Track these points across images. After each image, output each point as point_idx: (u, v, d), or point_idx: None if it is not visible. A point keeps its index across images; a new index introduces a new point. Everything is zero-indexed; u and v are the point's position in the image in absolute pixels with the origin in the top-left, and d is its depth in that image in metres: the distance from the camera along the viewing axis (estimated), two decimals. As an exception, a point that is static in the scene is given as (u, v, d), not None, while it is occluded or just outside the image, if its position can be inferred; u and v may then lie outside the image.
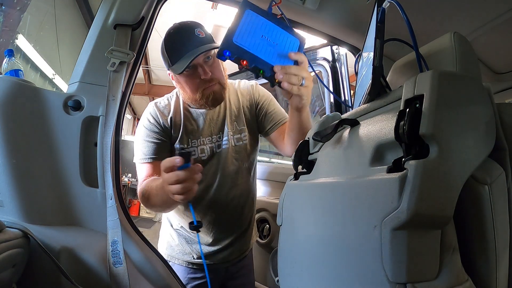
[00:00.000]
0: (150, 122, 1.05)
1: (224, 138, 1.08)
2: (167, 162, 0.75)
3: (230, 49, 0.70)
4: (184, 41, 0.94)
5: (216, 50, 0.84)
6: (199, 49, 0.92)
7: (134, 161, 1.05)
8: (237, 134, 1.09)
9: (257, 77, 0.76)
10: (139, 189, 0.99)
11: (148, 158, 1.02)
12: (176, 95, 1.11)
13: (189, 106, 1.09)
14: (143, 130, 1.05)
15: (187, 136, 1.06)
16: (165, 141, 1.05)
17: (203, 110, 1.08)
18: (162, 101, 1.10)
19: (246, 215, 1.14)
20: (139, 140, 1.05)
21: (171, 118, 1.05)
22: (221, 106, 1.09)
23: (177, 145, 1.06)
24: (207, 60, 0.97)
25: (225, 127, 1.08)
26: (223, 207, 1.08)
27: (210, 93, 0.99)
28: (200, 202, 1.07)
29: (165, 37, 0.99)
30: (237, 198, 1.10)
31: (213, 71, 0.97)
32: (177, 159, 0.73)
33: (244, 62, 0.71)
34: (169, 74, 1.05)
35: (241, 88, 1.17)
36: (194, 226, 0.84)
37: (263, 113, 1.12)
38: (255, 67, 0.72)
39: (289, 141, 0.98)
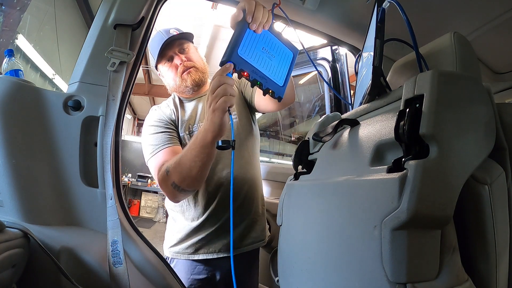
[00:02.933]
0: (154, 119, 1.11)
1: None
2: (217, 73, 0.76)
3: (235, 61, 0.71)
4: (160, 40, 1.10)
5: (189, 43, 1.15)
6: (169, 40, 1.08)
7: (146, 162, 1.05)
8: None
9: (252, 86, 0.78)
10: (161, 171, 0.94)
11: (161, 146, 1.03)
12: (171, 97, 1.21)
13: (182, 101, 1.19)
14: (148, 129, 1.08)
15: (188, 123, 1.13)
16: (173, 131, 1.10)
17: (195, 100, 1.17)
18: (160, 104, 1.21)
19: (245, 197, 1.14)
20: (146, 138, 1.07)
21: (171, 110, 1.16)
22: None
23: (181, 133, 1.11)
24: (182, 50, 1.13)
25: None
26: (218, 184, 1.10)
27: (188, 76, 1.11)
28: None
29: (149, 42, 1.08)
30: (231, 177, 1.10)
31: (188, 58, 1.13)
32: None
33: (245, 73, 0.73)
34: (158, 74, 1.18)
35: None
36: (226, 142, 0.74)
37: (243, 86, 1.21)
38: (254, 79, 0.75)
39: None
